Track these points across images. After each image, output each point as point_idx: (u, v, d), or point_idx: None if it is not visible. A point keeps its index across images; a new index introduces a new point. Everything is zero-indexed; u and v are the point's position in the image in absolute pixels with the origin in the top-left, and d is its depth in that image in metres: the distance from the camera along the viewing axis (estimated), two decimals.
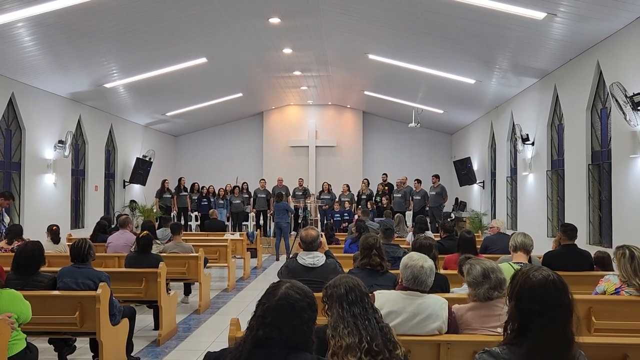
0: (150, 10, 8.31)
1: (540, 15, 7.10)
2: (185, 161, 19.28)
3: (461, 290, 4.20)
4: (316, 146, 18.87)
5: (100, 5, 7.59)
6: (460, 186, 15.74)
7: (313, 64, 13.37)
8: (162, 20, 8.82)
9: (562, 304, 2.04)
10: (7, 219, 8.87)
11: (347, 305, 2.59)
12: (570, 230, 5.84)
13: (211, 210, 14.15)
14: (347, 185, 15.64)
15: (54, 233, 7.85)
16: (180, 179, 16.10)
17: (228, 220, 15.62)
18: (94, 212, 13.00)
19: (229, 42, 10.79)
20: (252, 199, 16.10)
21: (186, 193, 15.76)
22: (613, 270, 5.13)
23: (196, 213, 16.05)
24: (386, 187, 16.02)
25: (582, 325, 2.10)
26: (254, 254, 12.29)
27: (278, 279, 2.87)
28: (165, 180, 15.70)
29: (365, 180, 16.27)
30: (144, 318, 6.90)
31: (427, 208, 14.23)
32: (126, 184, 15.14)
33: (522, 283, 2.08)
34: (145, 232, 6.94)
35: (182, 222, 15.13)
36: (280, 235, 13.57)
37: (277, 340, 1.99)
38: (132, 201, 15.38)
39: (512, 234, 5.20)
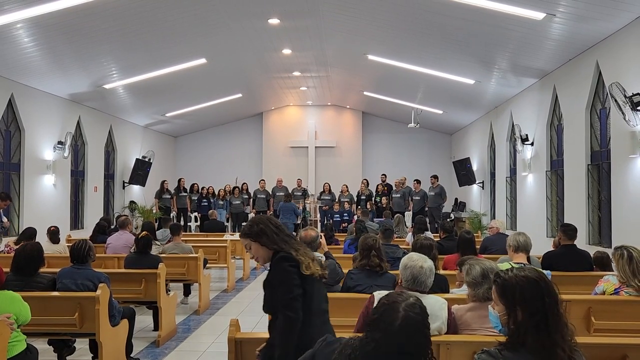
0: (151, 10, 8.31)
1: (539, 15, 7.11)
2: (185, 162, 19.28)
3: (460, 291, 4.20)
4: (316, 147, 18.88)
5: (100, 6, 7.59)
6: (460, 186, 15.75)
7: (312, 65, 13.38)
8: (163, 20, 8.83)
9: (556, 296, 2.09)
10: (4, 220, 8.88)
11: (281, 232, 2.98)
12: (570, 231, 5.84)
13: (211, 211, 14.15)
14: (347, 186, 15.65)
15: (52, 233, 7.84)
16: (179, 180, 16.10)
17: (227, 221, 15.62)
18: (93, 213, 13.00)
19: (229, 42, 10.80)
20: (251, 199, 16.10)
21: (186, 194, 15.76)
22: (612, 271, 5.13)
23: (196, 214, 16.05)
24: (385, 188, 16.04)
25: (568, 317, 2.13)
26: None
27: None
28: (165, 181, 15.69)
29: (364, 181, 16.29)
30: (144, 319, 6.90)
31: (427, 208, 14.23)
32: (126, 184, 15.13)
33: (521, 285, 2.09)
34: (144, 232, 6.94)
35: (182, 222, 15.13)
36: None
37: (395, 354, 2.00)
38: (132, 202, 15.38)
39: (510, 234, 5.20)
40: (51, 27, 8.07)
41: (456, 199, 16.92)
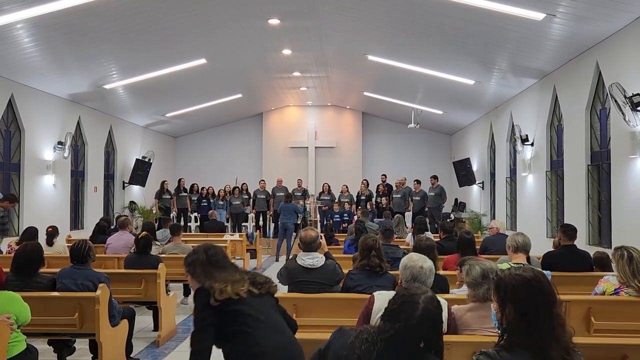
0: (152, 11, 8.31)
1: (539, 15, 7.11)
2: (185, 162, 19.29)
3: (460, 291, 4.20)
4: (316, 147, 18.88)
5: (101, 6, 7.59)
6: (460, 187, 15.75)
7: (312, 65, 13.38)
8: (163, 20, 8.83)
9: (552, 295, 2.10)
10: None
11: (210, 265, 2.95)
12: (570, 231, 5.84)
13: (210, 211, 14.13)
14: (347, 186, 15.65)
15: (48, 234, 7.71)
16: (179, 180, 16.09)
17: (227, 221, 15.61)
18: (93, 213, 13.00)
19: (229, 43, 10.80)
20: (251, 199, 16.09)
21: (186, 194, 15.75)
22: (612, 271, 5.13)
23: (196, 214, 16.04)
24: (386, 188, 16.04)
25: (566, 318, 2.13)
26: (253, 254, 12.28)
27: (279, 280, 2.88)
28: (165, 181, 15.68)
29: (364, 181, 16.28)
30: (144, 319, 6.90)
31: (427, 209, 14.23)
32: (125, 185, 15.13)
33: (513, 283, 2.09)
34: (144, 233, 6.94)
35: (182, 223, 15.11)
36: (283, 235, 13.40)
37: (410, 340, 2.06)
38: (132, 202, 15.38)
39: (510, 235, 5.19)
40: (51, 27, 8.06)
41: (456, 200, 16.92)
